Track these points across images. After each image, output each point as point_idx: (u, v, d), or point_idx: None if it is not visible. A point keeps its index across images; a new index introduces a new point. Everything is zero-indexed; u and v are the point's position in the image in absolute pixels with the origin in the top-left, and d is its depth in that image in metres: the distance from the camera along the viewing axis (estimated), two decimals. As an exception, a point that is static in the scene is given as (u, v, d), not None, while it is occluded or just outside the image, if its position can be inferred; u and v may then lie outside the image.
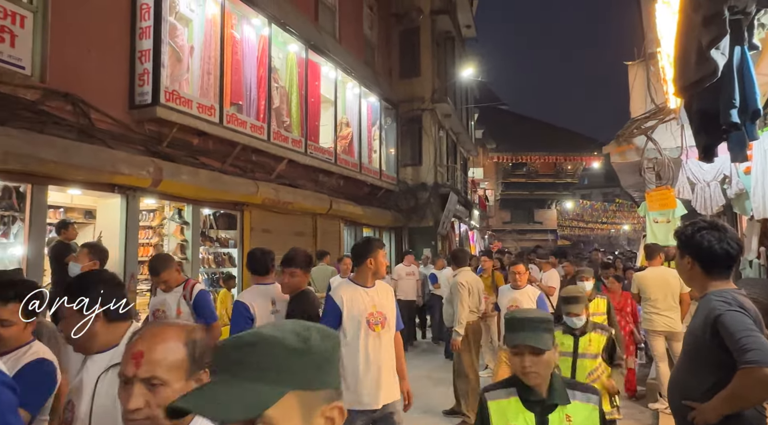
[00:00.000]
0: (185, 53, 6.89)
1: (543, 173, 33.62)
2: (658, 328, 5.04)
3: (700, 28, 1.65)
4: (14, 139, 4.54)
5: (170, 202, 7.03)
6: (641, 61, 5.80)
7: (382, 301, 3.00)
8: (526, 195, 32.98)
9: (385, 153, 13.20)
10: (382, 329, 2.94)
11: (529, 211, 33.47)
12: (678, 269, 1.93)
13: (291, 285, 3.10)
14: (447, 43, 15.80)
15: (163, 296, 3.49)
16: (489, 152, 28.82)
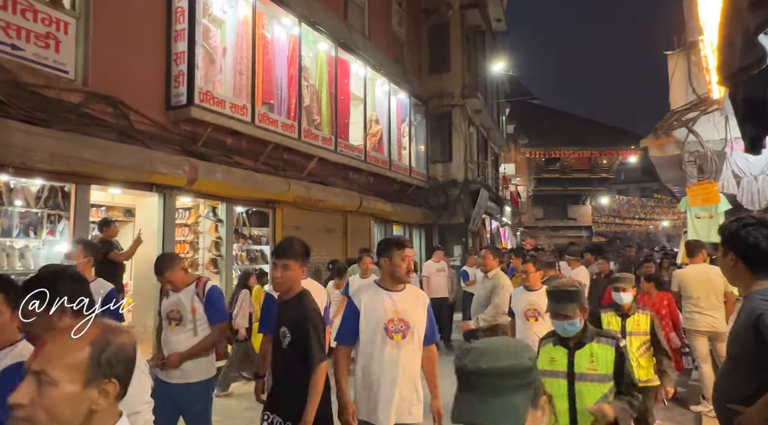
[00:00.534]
0: (218, 54, 7.04)
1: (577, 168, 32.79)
2: (700, 328, 4.85)
3: (746, 12, 1.56)
4: (60, 141, 4.75)
5: (205, 200, 7.21)
6: (682, 51, 5.57)
7: (408, 308, 2.69)
8: (559, 191, 32.26)
9: (415, 149, 13.15)
10: (403, 339, 2.64)
11: (563, 207, 32.73)
12: (721, 266, 1.85)
13: (285, 281, 2.62)
14: (477, 37, 15.59)
15: (176, 296, 3.29)
16: (521, 147, 28.33)
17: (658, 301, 5.22)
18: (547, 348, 2.39)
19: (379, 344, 2.62)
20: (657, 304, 5.15)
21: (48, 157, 4.63)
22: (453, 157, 13.96)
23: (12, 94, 4.62)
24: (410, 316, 2.67)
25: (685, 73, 5.46)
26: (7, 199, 5.10)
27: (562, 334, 2.30)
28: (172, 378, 3.18)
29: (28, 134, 4.51)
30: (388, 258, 2.70)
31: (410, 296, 2.75)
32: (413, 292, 2.81)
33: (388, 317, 2.63)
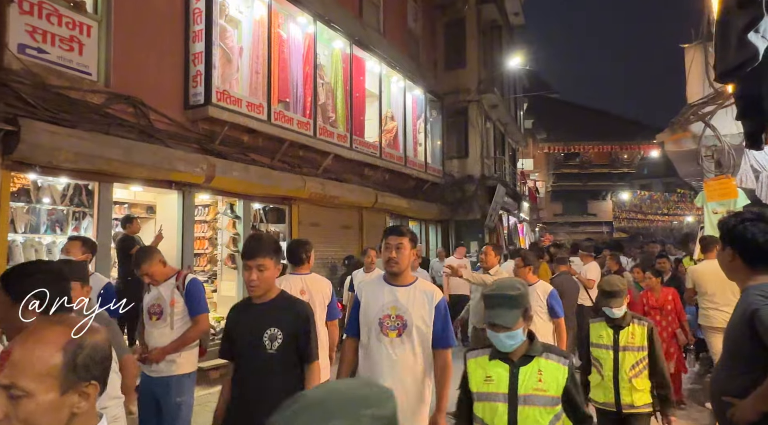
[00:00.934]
0: (235, 54, 7.18)
1: (597, 163, 32.28)
2: (716, 324, 4.77)
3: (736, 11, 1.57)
4: (84, 140, 4.94)
5: (223, 197, 7.38)
6: (699, 43, 5.47)
7: (408, 305, 2.48)
8: (579, 186, 31.81)
9: (431, 146, 13.16)
10: (398, 337, 2.44)
11: (583, 202, 32.27)
12: (719, 261, 1.86)
13: (262, 283, 2.28)
14: (494, 32, 15.47)
15: (157, 290, 3.27)
16: (539, 142, 28.02)
17: (662, 297, 5.17)
18: (479, 362, 1.95)
19: (373, 340, 2.50)
20: (661, 300, 5.13)
21: (72, 156, 4.82)
22: (469, 152, 13.92)
23: (39, 96, 4.81)
24: (409, 313, 2.47)
25: (701, 66, 5.38)
26: (35, 196, 5.32)
27: (500, 349, 1.89)
28: (154, 372, 3.22)
29: (54, 134, 4.70)
30: (382, 249, 2.58)
31: (416, 292, 2.54)
32: (421, 288, 2.57)
33: (384, 312, 2.49)
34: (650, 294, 5.22)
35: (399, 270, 2.53)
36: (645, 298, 5.26)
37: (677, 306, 5.17)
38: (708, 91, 5.23)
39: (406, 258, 2.54)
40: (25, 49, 4.79)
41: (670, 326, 5.10)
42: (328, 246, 8.96)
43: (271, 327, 2.26)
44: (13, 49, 4.66)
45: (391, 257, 2.50)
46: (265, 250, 2.28)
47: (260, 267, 2.25)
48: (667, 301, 5.14)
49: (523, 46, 17.92)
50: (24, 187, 5.26)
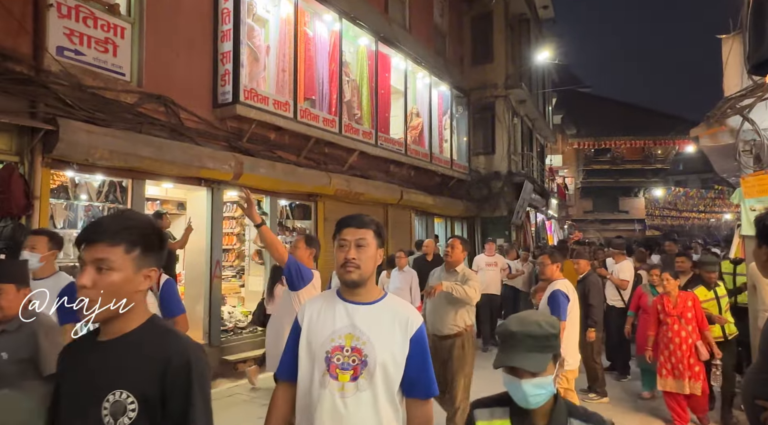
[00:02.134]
0: (262, 53, 7.29)
1: (629, 159, 31.37)
2: None
3: None
4: (118, 139, 5.11)
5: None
6: (737, 34, 5.25)
7: (371, 332, 1.64)
8: (610, 182, 30.99)
9: (457, 142, 13.06)
10: (353, 381, 1.60)
11: (614, 199, 31.45)
12: (755, 259, 1.80)
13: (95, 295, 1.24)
14: (522, 25, 15.22)
15: None
16: (568, 138, 27.44)
17: (680, 303, 4.57)
18: None
19: (316, 386, 1.64)
20: (679, 307, 4.56)
21: (107, 154, 4.99)
22: (496, 148, 13.75)
23: (76, 97, 5.00)
24: (372, 345, 1.63)
25: (740, 58, 5.16)
26: (73, 193, 5.54)
27: (521, 404, 1.38)
28: None
29: (90, 133, 4.88)
30: (335, 248, 1.78)
31: (382, 313, 1.70)
32: (391, 307, 1.73)
33: (335, 343, 1.65)
34: (666, 299, 4.64)
35: (360, 278, 1.69)
36: (660, 304, 4.69)
37: (698, 314, 4.52)
38: (747, 84, 5.02)
39: (371, 260, 1.73)
40: (63, 51, 4.98)
41: (690, 337, 4.49)
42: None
43: (115, 388, 1.22)
44: (52, 51, 4.86)
45: (348, 259, 1.68)
46: (113, 234, 1.25)
47: (100, 264, 1.23)
48: (686, 308, 4.51)
49: (553, 39, 17.58)
50: (63, 184, 5.48)
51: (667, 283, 4.65)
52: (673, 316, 4.58)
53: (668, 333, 4.59)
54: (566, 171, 25.59)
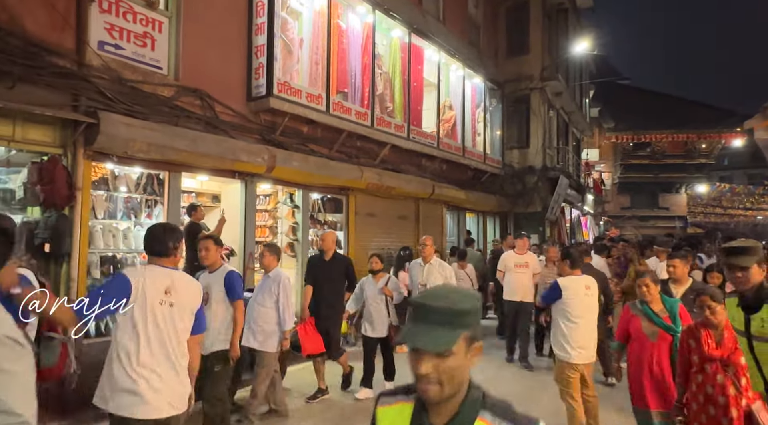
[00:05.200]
0: (295, 46, 7.28)
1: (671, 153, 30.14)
2: None
3: None
4: (156, 132, 5.19)
5: (283, 187, 7.56)
6: (799, 18, 4.89)
7: None
8: (649, 178, 29.89)
9: (490, 136, 12.80)
10: None
11: (653, 195, 30.32)
12: None
13: None
14: (559, 15, 14.74)
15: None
16: (606, 132, 26.57)
17: (728, 340, 2.84)
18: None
19: None
20: (726, 346, 2.83)
21: (145, 147, 5.08)
22: (530, 142, 13.42)
23: (115, 90, 5.10)
24: None
25: (802, 44, 4.80)
26: (113, 185, 5.68)
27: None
28: None
29: (129, 126, 4.97)
30: None
31: None
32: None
33: None
34: (706, 333, 2.92)
35: None
36: (693, 339, 2.99)
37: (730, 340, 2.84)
38: (809, 72, 4.67)
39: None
40: (104, 45, 5.09)
41: (744, 396, 2.76)
42: (384, 236, 8.96)
43: None
44: (93, 45, 4.97)
45: None
46: None
47: None
48: (738, 349, 2.80)
49: (591, 29, 17.01)
50: (103, 176, 5.62)
51: (712, 310, 2.89)
52: (715, 362, 2.87)
53: (706, 388, 2.87)
54: (603, 166, 24.79)
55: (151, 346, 2.40)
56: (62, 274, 4.68)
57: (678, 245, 8.83)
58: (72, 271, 4.70)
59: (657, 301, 3.63)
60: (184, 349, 2.54)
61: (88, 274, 5.04)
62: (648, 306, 3.62)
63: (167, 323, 2.46)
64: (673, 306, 3.60)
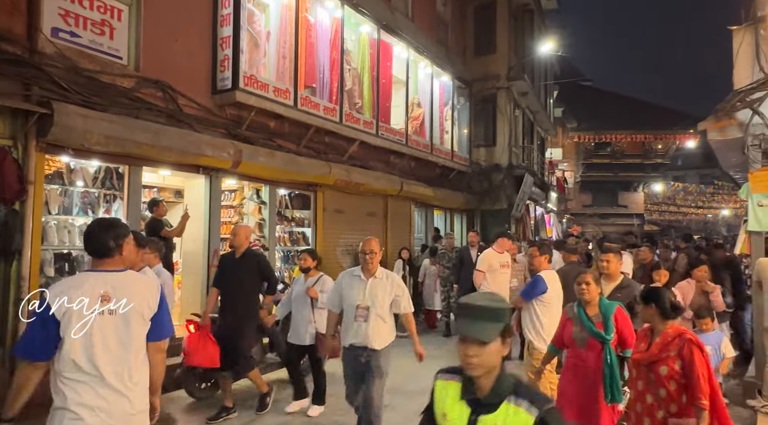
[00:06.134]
0: (262, 38, 7.14)
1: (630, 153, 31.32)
2: None
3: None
4: (115, 124, 4.99)
5: (249, 183, 7.41)
6: (750, 25, 5.14)
7: None
8: (609, 177, 30.97)
9: (458, 133, 12.94)
10: None
11: (613, 193, 31.42)
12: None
13: None
14: (525, 16, 15.03)
15: None
16: (569, 131, 27.32)
17: (661, 343, 2.64)
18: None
19: None
20: (659, 349, 2.64)
21: (104, 139, 4.87)
22: (497, 141, 13.65)
23: (71, 80, 4.87)
24: None
25: (752, 50, 5.05)
26: (68, 179, 5.42)
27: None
28: None
29: (86, 118, 4.75)
30: None
31: None
32: None
33: None
34: (641, 333, 2.91)
35: None
36: None
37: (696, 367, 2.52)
38: (758, 76, 4.93)
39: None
40: (58, 32, 4.84)
41: (665, 408, 2.61)
42: (352, 233, 8.94)
43: None
44: (46, 32, 4.72)
45: None
46: None
47: None
48: (668, 356, 2.62)
49: (555, 31, 17.40)
50: (58, 169, 5.36)
51: (643, 312, 2.81)
52: (639, 366, 2.73)
53: (630, 393, 2.86)
54: (566, 164, 25.49)
55: (97, 369, 2.04)
56: (12, 273, 4.45)
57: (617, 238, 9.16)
58: (23, 269, 4.47)
59: (595, 305, 3.24)
60: (139, 363, 2.18)
61: (41, 272, 4.81)
62: (584, 310, 3.26)
63: (111, 335, 2.08)
64: (608, 310, 3.19)
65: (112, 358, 2.10)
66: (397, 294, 3.69)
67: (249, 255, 4.64)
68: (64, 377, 2.03)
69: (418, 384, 5.14)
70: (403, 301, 3.71)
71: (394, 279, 3.74)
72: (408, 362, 4.18)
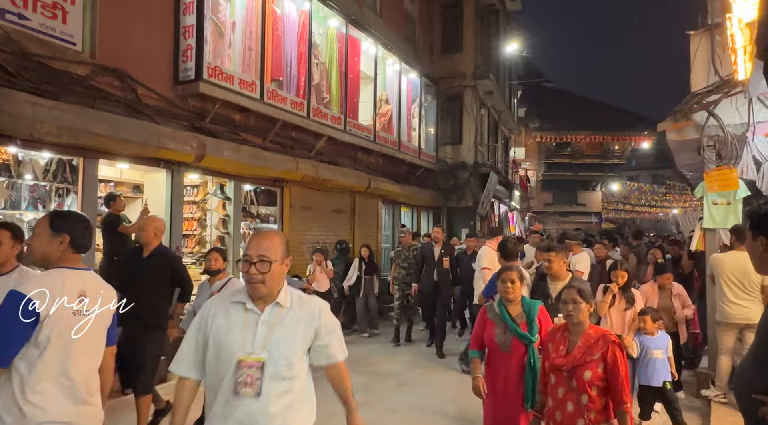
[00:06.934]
0: (227, 29, 6.91)
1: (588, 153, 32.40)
2: (731, 321, 4.67)
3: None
4: (68, 113, 4.70)
5: (213, 178, 7.18)
6: (705, 31, 5.36)
7: None
8: (569, 176, 31.95)
9: (425, 131, 12.98)
10: None
11: (573, 192, 32.44)
12: (750, 252, 1.76)
13: None
14: (491, 16, 15.23)
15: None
16: (532, 131, 27.97)
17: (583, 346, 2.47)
18: None
19: None
20: (578, 354, 2.46)
21: (56, 129, 4.59)
22: (463, 139, 13.78)
23: (19, 65, 4.56)
24: None
25: (707, 54, 5.27)
26: (16, 171, 5.09)
27: None
28: None
29: (36, 106, 4.45)
30: None
31: None
32: None
33: None
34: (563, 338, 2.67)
35: None
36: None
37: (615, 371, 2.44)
38: (713, 80, 5.14)
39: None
40: (4, 14, 4.51)
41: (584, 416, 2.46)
42: (320, 230, 8.82)
43: None
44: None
45: None
46: None
47: None
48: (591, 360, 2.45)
49: (519, 32, 17.71)
50: (5, 161, 5.02)
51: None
52: (561, 372, 2.49)
53: (548, 399, 2.58)
54: (528, 163, 26.08)
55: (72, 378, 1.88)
56: (-47, 271, 4.12)
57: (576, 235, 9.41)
58: (-35, 268, 4.14)
59: (517, 303, 3.01)
60: (97, 369, 2.04)
61: (-15, 271, 4.48)
62: (506, 309, 2.98)
63: (86, 339, 1.93)
64: (531, 308, 2.99)
65: (83, 364, 1.95)
66: (320, 335, 1.90)
67: (159, 255, 3.86)
68: (32, 389, 1.79)
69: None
70: (332, 346, 1.94)
71: (314, 308, 1.91)
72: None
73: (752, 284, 4.55)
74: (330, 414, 2.53)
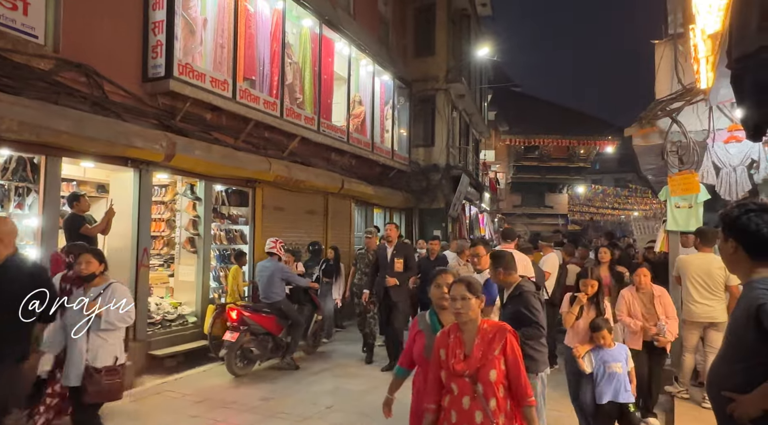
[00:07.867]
0: (198, 25, 6.76)
1: (556, 157, 33.18)
2: (696, 319, 4.85)
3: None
4: (29, 109, 4.50)
5: (183, 178, 7.00)
6: (669, 40, 5.59)
7: None
8: (537, 178, 32.62)
9: (398, 133, 13.03)
10: None
11: (541, 194, 33.15)
12: (721, 253, 1.84)
13: None
14: (463, 21, 15.44)
15: None
16: (501, 134, 28.47)
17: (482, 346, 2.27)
18: None
19: None
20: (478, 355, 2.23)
21: (16, 126, 4.38)
22: (435, 141, 13.91)
23: (-24, 58, 4.33)
24: None
25: (671, 63, 5.50)
26: (-29, 169, 4.83)
27: None
28: None
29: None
30: None
31: None
32: None
33: None
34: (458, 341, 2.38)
35: None
36: None
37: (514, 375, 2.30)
38: (677, 88, 5.36)
39: None
40: (-40, 3, 4.28)
41: None
42: (292, 231, 8.72)
43: None
44: (-55, 2, 4.16)
45: None
46: None
47: None
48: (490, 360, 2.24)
49: (490, 37, 18.01)
50: (-42, 158, 4.76)
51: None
52: (463, 378, 2.21)
53: (451, 415, 2.21)
54: (498, 166, 26.53)
55: None
56: None
57: (560, 242, 9.69)
58: None
59: None
60: None
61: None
62: (437, 318, 2.58)
63: None
64: None
65: None
66: None
67: (15, 265, 2.84)
68: None
69: None
70: None
71: None
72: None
73: (716, 284, 4.76)
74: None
